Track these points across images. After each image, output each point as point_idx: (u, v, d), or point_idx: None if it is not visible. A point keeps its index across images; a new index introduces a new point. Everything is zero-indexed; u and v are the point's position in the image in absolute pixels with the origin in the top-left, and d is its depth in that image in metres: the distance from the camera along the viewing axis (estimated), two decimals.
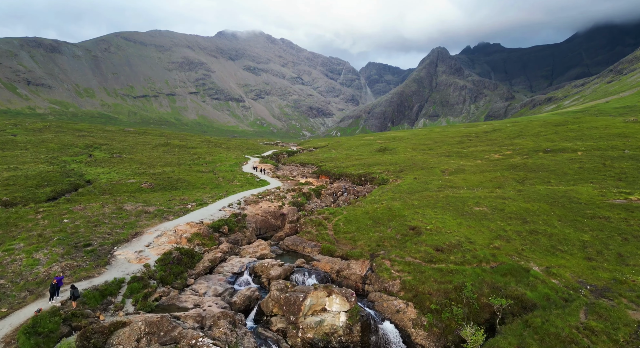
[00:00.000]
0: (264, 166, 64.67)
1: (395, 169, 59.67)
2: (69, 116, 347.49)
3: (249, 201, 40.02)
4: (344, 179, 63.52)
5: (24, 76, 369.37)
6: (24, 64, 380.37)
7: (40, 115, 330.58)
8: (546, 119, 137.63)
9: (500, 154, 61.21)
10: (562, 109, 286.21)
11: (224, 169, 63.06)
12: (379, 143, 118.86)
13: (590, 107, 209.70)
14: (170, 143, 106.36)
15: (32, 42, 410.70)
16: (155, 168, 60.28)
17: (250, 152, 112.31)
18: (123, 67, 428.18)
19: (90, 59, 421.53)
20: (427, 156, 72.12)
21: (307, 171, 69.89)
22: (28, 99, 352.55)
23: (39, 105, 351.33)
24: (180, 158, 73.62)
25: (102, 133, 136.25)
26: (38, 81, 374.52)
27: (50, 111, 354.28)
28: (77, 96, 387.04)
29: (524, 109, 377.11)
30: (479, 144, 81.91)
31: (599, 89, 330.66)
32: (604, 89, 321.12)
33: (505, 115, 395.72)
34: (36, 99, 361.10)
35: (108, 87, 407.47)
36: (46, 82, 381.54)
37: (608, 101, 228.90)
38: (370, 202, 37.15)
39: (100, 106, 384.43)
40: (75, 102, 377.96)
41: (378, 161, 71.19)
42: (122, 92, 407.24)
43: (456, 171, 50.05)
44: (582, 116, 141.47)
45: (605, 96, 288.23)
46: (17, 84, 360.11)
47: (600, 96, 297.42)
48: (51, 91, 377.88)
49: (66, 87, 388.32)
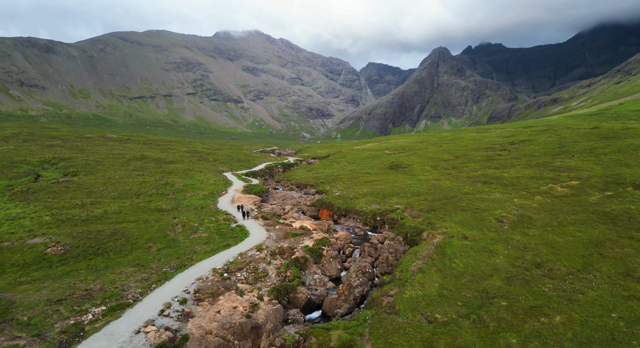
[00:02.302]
0: (247, 201, 47.86)
1: (422, 207, 42.99)
2: (63, 117, 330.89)
3: (204, 292, 23.43)
4: (352, 217, 46.81)
5: (17, 76, 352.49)
6: (17, 65, 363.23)
7: (32, 117, 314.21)
8: (573, 126, 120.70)
9: (561, 184, 44.51)
10: (571, 111, 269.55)
11: (194, 204, 46.41)
12: (386, 154, 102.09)
13: (605, 109, 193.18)
14: (147, 156, 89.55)
15: (26, 42, 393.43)
16: (100, 205, 43.70)
17: (240, 166, 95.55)
18: (119, 68, 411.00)
19: (85, 59, 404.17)
20: (456, 182, 55.38)
21: (304, 203, 53.03)
22: (20, 101, 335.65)
23: (31, 107, 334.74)
24: (144, 182, 56.94)
25: (79, 140, 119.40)
26: (31, 82, 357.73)
27: (43, 112, 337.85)
28: (71, 97, 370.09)
29: (529, 111, 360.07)
30: (515, 162, 65.17)
31: (608, 90, 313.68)
32: (613, 90, 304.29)
33: (509, 116, 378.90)
34: (29, 100, 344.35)
35: (104, 88, 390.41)
36: (40, 83, 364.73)
37: (622, 103, 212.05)
38: (411, 305, 20.62)
39: (95, 107, 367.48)
40: (69, 104, 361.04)
41: (394, 188, 54.47)
42: (118, 93, 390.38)
43: (520, 222, 33.37)
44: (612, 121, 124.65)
45: (615, 98, 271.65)
46: (9, 85, 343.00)
47: (610, 98, 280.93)
48: (45, 92, 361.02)
49: (60, 89, 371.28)
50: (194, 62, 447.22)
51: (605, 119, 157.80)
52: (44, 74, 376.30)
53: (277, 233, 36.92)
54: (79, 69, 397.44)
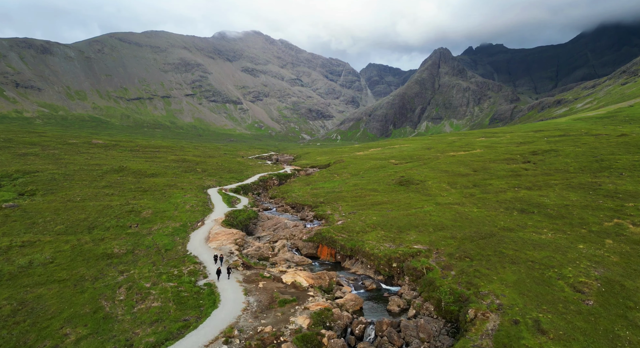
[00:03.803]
0: (226, 238, 36.97)
1: (451, 250, 32.30)
2: (58, 119, 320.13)
3: None
4: (361, 259, 36.02)
5: (12, 77, 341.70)
6: (13, 66, 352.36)
7: (27, 119, 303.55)
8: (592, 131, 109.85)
9: (632, 219, 33.75)
10: (577, 113, 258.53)
11: (157, 244, 35.67)
12: (392, 164, 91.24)
13: (615, 112, 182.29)
14: (126, 167, 78.74)
15: (22, 43, 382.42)
16: (32, 247, 33.01)
17: (231, 178, 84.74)
18: (117, 69, 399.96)
19: (82, 60, 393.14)
20: (486, 208, 44.61)
21: (299, 236, 42.13)
22: (15, 102, 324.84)
23: (26, 108, 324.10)
24: (107, 208, 46.23)
25: (59, 147, 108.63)
26: (27, 83, 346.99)
27: (38, 114, 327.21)
28: (67, 99, 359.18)
29: (532, 112, 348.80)
30: (549, 180, 54.38)
31: (613, 91, 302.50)
32: (619, 91, 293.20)
33: (512, 118, 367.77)
34: (24, 102, 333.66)
35: (101, 90, 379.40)
36: (36, 84, 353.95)
37: (632, 106, 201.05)
38: None
39: (91, 109, 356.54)
40: (65, 105, 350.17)
41: (409, 216, 43.74)
42: (115, 95, 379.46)
43: (609, 293, 22.58)
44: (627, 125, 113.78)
45: (622, 99, 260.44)
46: (4, 87, 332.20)
47: (617, 99, 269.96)
48: (41, 94, 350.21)
49: (57, 90, 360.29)
50: (192, 63, 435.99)
51: (619, 122, 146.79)
52: (40, 75, 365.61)
53: (259, 298, 26.23)
54: (76, 70, 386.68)
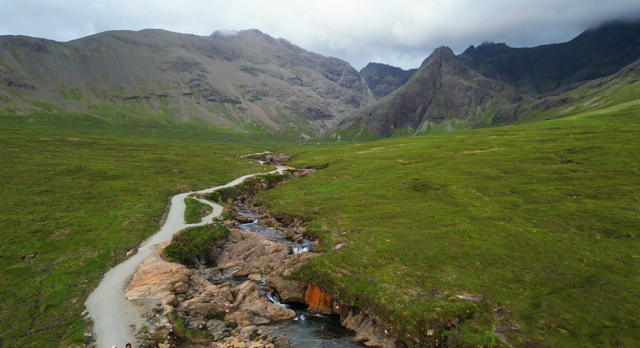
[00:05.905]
0: (158, 281, 22.97)
1: (524, 307, 18.43)
2: (52, 118, 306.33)
3: None
4: (372, 317, 21.97)
5: (5, 76, 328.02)
6: (6, 64, 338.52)
7: (19, 118, 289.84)
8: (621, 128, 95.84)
9: None
10: (585, 111, 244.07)
11: (46, 295, 21.92)
12: (401, 164, 77.15)
13: (630, 109, 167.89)
14: (85, 167, 64.74)
15: (16, 40, 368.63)
16: None
17: (211, 180, 70.74)
18: (113, 68, 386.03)
19: (78, 58, 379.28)
20: (548, 228, 30.64)
21: (279, 269, 28.04)
22: (8, 101, 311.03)
23: (19, 107, 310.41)
24: (10, 225, 32.43)
25: (24, 145, 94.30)
26: (20, 82, 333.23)
27: (31, 113, 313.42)
28: (62, 98, 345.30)
29: (536, 111, 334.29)
30: (617, 185, 40.49)
31: (622, 89, 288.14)
32: (628, 89, 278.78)
33: (515, 117, 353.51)
34: (17, 100, 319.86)
35: (96, 88, 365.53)
36: (29, 82, 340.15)
37: None
38: None
39: (86, 108, 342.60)
40: (59, 104, 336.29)
41: (439, 237, 29.76)
42: (111, 94, 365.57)
43: None
44: None
45: (632, 97, 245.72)
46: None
47: (627, 97, 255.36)
48: (34, 92, 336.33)
49: (51, 88, 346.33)
50: (190, 61, 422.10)
51: (637, 119, 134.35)
52: (34, 73, 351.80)
53: None
54: (71, 69, 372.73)
